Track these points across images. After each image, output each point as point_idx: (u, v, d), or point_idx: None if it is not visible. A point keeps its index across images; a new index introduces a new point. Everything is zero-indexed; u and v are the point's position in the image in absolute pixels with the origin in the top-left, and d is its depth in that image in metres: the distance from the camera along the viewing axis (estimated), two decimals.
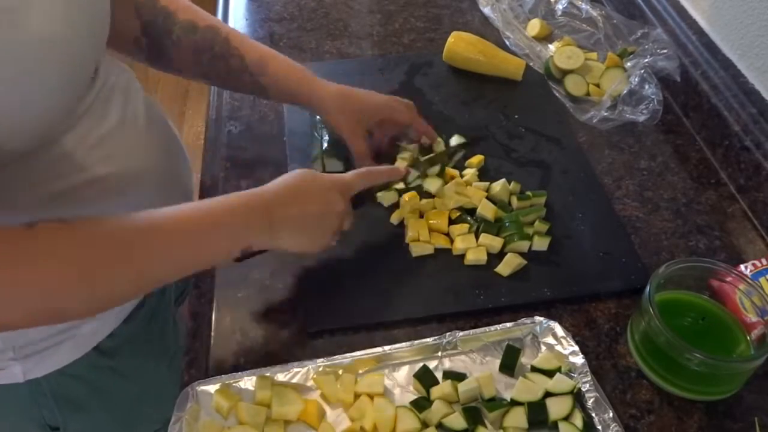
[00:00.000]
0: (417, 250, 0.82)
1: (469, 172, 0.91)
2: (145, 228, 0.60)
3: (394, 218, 0.86)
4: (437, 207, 0.87)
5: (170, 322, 0.92)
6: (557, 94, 1.07)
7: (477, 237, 0.83)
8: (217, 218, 0.64)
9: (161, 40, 0.80)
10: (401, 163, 0.89)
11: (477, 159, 0.94)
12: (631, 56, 1.08)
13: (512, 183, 0.89)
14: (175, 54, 0.81)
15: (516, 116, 1.03)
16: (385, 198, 0.87)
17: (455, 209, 0.86)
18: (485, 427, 0.66)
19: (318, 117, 0.94)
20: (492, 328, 0.74)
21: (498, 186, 0.88)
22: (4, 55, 0.51)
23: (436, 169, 0.90)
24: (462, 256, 0.82)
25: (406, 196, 0.86)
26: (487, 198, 0.87)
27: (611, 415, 0.66)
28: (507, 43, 1.15)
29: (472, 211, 0.87)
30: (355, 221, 0.78)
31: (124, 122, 0.72)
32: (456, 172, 0.91)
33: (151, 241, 0.59)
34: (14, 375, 0.74)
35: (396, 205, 0.87)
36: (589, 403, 0.67)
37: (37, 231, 0.53)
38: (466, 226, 0.84)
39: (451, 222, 0.85)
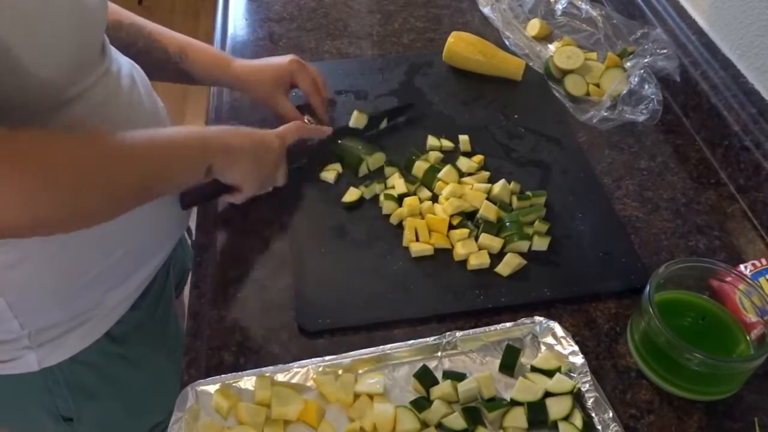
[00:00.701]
0: (416, 250, 0.82)
1: (479, 175, 0.91)
2: (119, 141, 0.64)
3: (394, 218, 0.86)
4: (437, 213, 0.86)
5: (171, 312, 0.94)
6: (557, 94, 1.07)
7: (477, 239, 0.83)
8: (187, 136, 0.72)
9: None
10: (330, 174, 0.92)
11: (477, 158, 0.94)
12: (630, 56, 1.08)
13: (512, 183, 0.89)
14: None
15: (516, 116, 1.03)
16: (386, 207, 0.87)
17: (456, 215, 0.86)
18: (485, 427, 0.66)
19: None
20: (492, 328, 0.74)
21: (498, 187, 0.88)
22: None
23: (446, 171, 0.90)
24: (463, 261, 0.82)
25: (407, 200, 0.86)
26: (487, 199, 0.87)
27: (611, 415, 0.66)
28: (507, 43, 1.14)
29: (471, 214, 0.86)
30: (349, 217, 0.84)
31: (131, 104, 0.75)
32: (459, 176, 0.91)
33: (125, 152, 0.64)
34: (29, 364, 0.75)
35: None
36: (589, 403, 0.67)
37: (17, 134, 0.55)
38: (466, 231, 0.83)
39: (451, 227, 0.85)
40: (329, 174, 0.91)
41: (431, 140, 0.96)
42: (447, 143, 0.96)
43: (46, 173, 0.56)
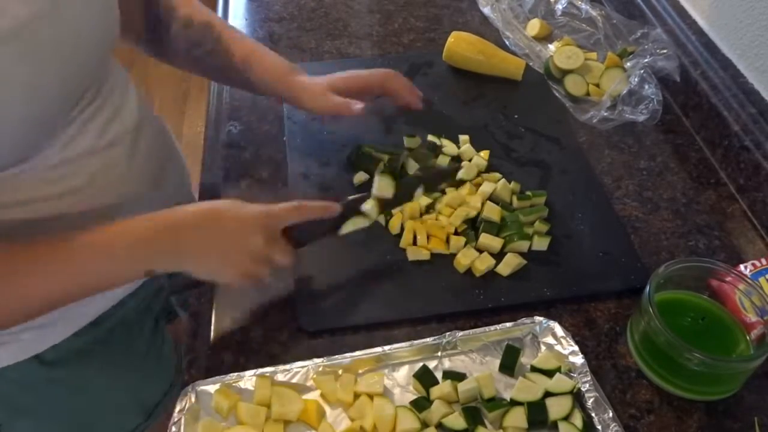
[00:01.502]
0: (412, 255, 0.82)
1: (491, 175, 0.90)
2: (35, 249, 0.59)
3: (393, 227, 0.85)
4: (443, 224, 0.84)
5: (140, 343, 0.88)
6: (557, 94, 1.07)
7: (477, 239, 0.83)
8: (114, 239, 0.62)
9: (161, 34, 0.83)
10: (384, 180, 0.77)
11: (485, 153, 0.94)
12: (630, 56, 1.08)
13: (512, 183, 0.89)
14: (170, 46, 0.84)
15: (516, 116, 1.03)
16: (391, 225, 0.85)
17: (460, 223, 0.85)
18: (485, 427, 0.66)
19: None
20: (492, 328, 0.74)
21: (498, 185, 0.88)
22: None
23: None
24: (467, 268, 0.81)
25: (407, 206, 0.85)
26: (489, 199, 0.87)
27: (611, 414, 0.66)
28: (507, 43, 1.14)
29: (473, 218, 0.85)
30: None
31: (101, 148, 0.70)
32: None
33: (36, 262, 0.59)
34: None
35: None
36: (589, 403, 0.67)
37: None
38: (462, 239, 0.82)
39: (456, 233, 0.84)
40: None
41: (431, 140, 0.96)
42: (449, 144, 0.96)
43: None
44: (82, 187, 0.68)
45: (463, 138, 0.97)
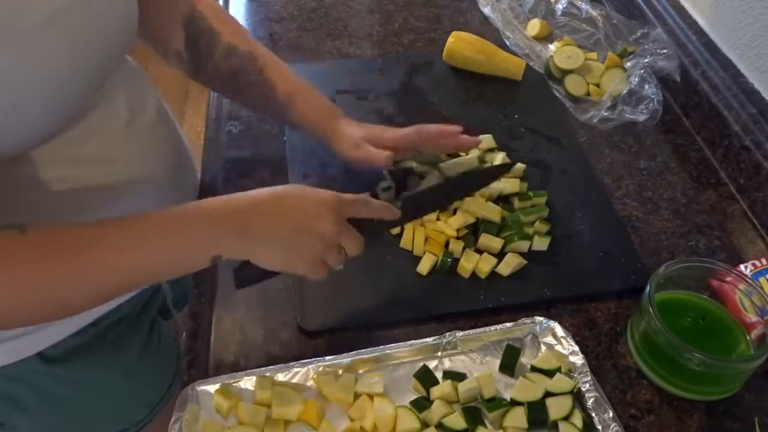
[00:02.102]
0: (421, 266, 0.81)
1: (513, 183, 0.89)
2: (97, 233, 0.57)
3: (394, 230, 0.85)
4: (445, 231, 0.83)
5: (138, 340, 0.87)
6: (557, 94, 1.07)
7: (476, 240, 0.83)
8: (182, 222, 0.59)
9: (201, 58, 0.82)
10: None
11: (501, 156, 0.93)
12: (631, 56, 1.08)
13: (519, 181, 0.89)
14: (212, 73, 0.83)
15: (516, 116, 1.03)
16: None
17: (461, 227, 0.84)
18: (485, 427, 0.66)
19: None
20: (492, 328, 0.74)
21: (498, 161, 0.89)
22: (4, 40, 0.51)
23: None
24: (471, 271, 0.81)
25: None
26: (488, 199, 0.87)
27: (611, 414, 0.66)
28: (507, 43, 1.14)
29: (473, 223, 0.85)
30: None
31: (131, 122, 0.72)
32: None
33: (103, 247, 0.56)
34: None
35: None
36: (589, 402, 0.67)
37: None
38: (461, 244, 0.82)
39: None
40: None
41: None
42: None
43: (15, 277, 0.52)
44: (115, 158, 0.69)
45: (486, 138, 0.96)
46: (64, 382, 0.80)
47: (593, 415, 0.66)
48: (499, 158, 0.91)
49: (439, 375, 0.70)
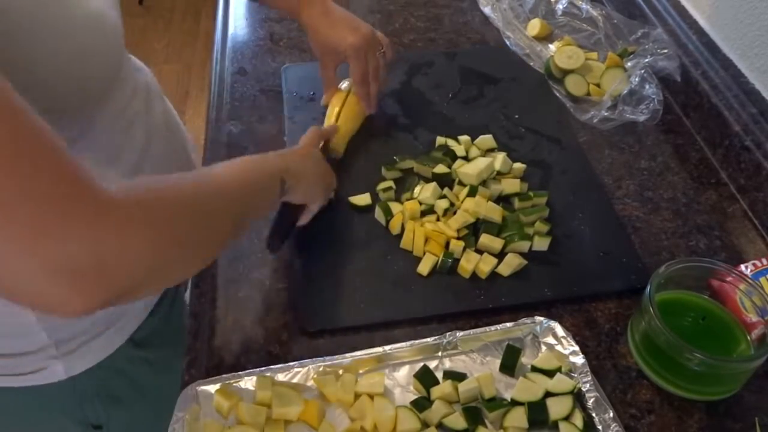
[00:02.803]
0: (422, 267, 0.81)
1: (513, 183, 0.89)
2: (217, 180, 0.62)
3: (393, 228, 0.85)
4: (445, 231, 0.83)
5: (183, 315, 0.94)
6: (557, 94, 1.07)
7: (476, 240, 0.83)
8: (265, 165, 0.71)
9: None
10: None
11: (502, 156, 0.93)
12: (631, 56, 1.08)
13: (519, 181, 0.89)
14: None
15: (516, 116, 1.03)
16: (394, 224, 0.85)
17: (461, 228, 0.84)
18: (485, 427, 0.66)
19: None
20: (492, 328, 0.74)
21: (499, 162, 0.89)
22: (64, 31, 0.55)
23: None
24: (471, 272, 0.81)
25: (407, 204, 0.86)
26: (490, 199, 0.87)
27: (611, 415, 0.66)
28: (507, 43, 1.14)
29: (473, 223, 0.85)
30: (350, 217, 0.86)
31: (147, 113, 0.76)
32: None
33: (223, 192, 0.62)
34: (56, 373, 0.75)
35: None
36: (590, 403, 0.67)
37: (128, 193, 0.50)
38: (461, 244, 0.81)
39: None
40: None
41: (440, 140, 0.96)
42: (453, 143, 0.95)
43: (156, 225, 0.51)
44: (144, 146, 0.75)
45: (464, 138, 0.96)
46: (151, 366, 0.85)
47: (593, 415, 0.66)
48: (499, 158, 0.91)
49: (439, 375, 0.70)
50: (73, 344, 0.74)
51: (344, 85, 1.00)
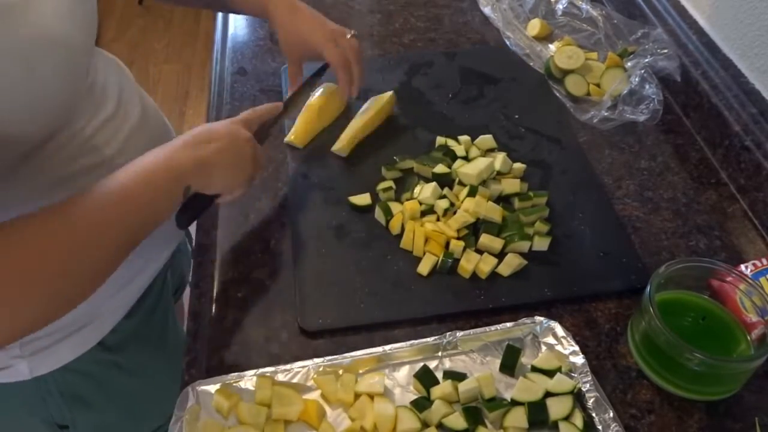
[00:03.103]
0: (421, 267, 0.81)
1: (513, 183, 0.89)
2: (91, 211, 0.59)
3: (393, 228, 0.85)
4: (445, 231, 0.83)
5: (170, 318, 0.93)
6: (557, 94, 1.07)
7: (476, 240, 0.83)
8: (156, 170, 0.65)
9: None
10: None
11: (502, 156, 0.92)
12: (631, 56, 1.08)
13: (519, 181, 0.89)
14: None
15: (516, 116, 1.03)
16: (395, 224, 0.85)
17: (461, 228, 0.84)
18: (485, 427, 0.66)
19: None
20: (492, 328, 0.74)
21: (499, 162, 0.89)
22: (4, 52, 0.52)
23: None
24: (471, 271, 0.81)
25: (407, 204, 0.86)
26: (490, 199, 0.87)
27: (611, 415, 0.66)
28: (507, 43, 1.14)
29: (473, 223, 0.85)
30: (350, 217, 0.86)
31: (117, 115, 0.74)
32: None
33: (99, 221, 0.59)
34: (21, 372, 0.75)
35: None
36: (590, 403, 0.67)
37: None
38: (461, 244, 0.81)
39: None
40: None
41: (440, 140, 0.96)
42: (453, 143, 0.95)
43: (19, 289, 0.53)
44: (113, 157, 0.72)
45: (464, 138, 0.96)
46: (123, 371, 0.83)
47: (593, 415, 0.66)
48: (499, 158, 0.91)
49: (439, 375, 0.70)
50: (38, 345, 0.74)
51: (318, 92, 1.00)
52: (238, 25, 1.22)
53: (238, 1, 0.92)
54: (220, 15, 1.25)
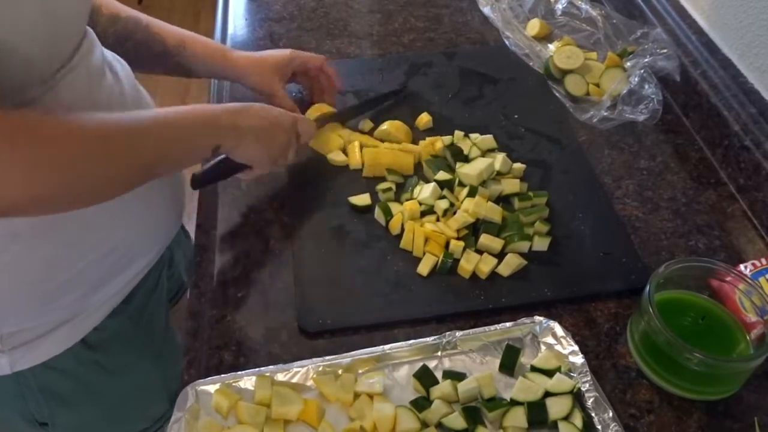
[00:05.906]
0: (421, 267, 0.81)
1: (513, 183, 0.89)
2: (119, 120, 0.63)
3: (393, 228, 0.85)
4: (444, 231, 0.83)
5: (161, 320, 0.91)
6: (557, 94, 1.07)
7: (476, 240, 0.83)
8: (192, 115, 0.71)
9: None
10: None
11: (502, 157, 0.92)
12: (630, 56, 1.08)
13: (519, 181, 0.89)
14: (101, 43, 0.83)
15: (516, 116, 1.03)
16: (396, 223, 0.85)
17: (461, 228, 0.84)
18: (485, 426, 0.66)
19: None
20: (492, 327, 0.74)
21: (499, 162, 0.89)
22: None
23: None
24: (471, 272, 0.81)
25: (406, 205, 0.86)
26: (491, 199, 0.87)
27: (611, 414, 0.66)
28: (507, 43, 1.14)
29: (473, 223, 0.85)
30: (350, 217, 0.86)
31: (112, 95, 0.73)
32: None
33: (124, 131, 0.63)
34: (0, 367, 0.74)
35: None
36: (589, 402, 0.67)
37: (13, 113, 0.54)
38: (461, 244, 0.81)
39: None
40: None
41: (458, 135, 0.96)
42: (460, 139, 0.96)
43: (41, 151, 0.55)
44: (126, 96, 0.74)
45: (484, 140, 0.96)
46: (105, 370, 0.82)
47: (593, 414, 0.66)
48: (499, 159, 0.91)
49: (438, 375, 0.70)
50: (20, 339, 0.73)
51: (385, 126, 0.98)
52: (237, 25, 1.22)
53: (194, 62, 0.92)
54: (219, 15, 1.25)
